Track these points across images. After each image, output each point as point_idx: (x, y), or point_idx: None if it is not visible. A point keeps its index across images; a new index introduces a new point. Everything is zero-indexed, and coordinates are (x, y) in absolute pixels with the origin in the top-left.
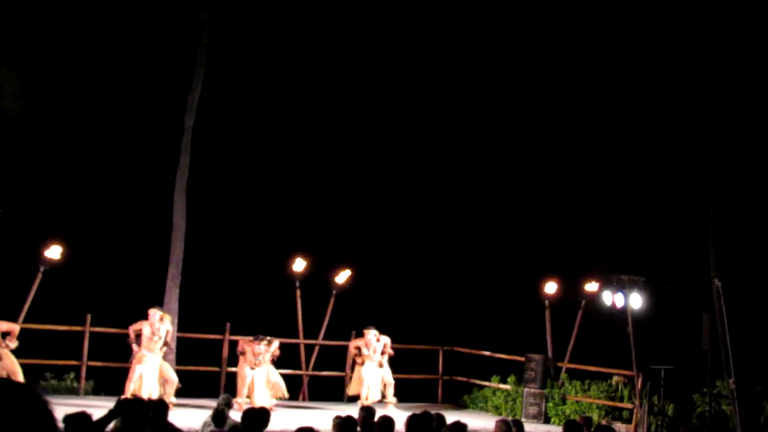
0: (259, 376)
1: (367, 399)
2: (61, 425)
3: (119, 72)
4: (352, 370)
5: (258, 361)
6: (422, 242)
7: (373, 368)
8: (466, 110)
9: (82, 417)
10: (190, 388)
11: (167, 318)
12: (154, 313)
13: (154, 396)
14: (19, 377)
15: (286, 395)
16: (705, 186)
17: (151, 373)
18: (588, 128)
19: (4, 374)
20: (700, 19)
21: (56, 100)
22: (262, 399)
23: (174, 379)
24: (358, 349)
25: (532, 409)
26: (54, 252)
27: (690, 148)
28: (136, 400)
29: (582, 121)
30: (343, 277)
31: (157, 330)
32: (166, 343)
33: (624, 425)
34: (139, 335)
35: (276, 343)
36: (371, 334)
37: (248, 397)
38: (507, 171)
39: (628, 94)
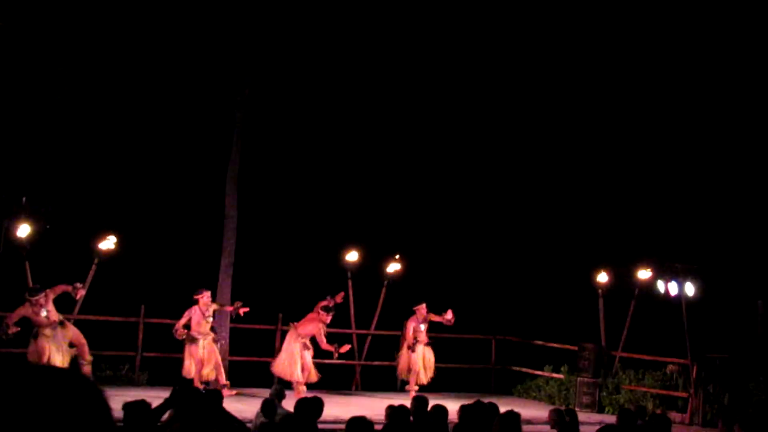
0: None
1: (417, 384)
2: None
3: (170, 63)
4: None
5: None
6: (474, 232)
7: (421, 351)
8: (515, 97)
9: (141, 405)
10: (242, 378)
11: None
12: (204, 294)
13: (211, 378)
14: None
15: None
16: (756, 173)
17: (205, 356)
18: (639, 115)
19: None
20: None
21: (108, 92)
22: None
23: (220, 361)
24: (414, 330)
25: (586, 399)
26: (108, 244)
27: (742, 134)
28: (192, 389)
29: (633, 108)
30: (394, 267)
31: (207, 312)
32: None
33: (679, 414)
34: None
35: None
36: (423, 308)
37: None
38: (559, 159)
39: (681, 80)
